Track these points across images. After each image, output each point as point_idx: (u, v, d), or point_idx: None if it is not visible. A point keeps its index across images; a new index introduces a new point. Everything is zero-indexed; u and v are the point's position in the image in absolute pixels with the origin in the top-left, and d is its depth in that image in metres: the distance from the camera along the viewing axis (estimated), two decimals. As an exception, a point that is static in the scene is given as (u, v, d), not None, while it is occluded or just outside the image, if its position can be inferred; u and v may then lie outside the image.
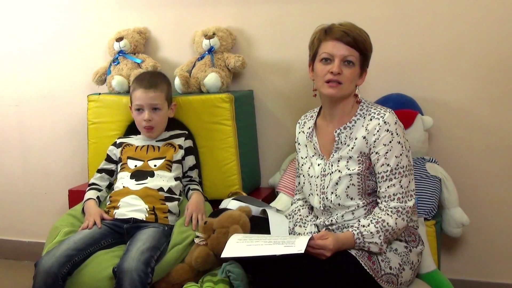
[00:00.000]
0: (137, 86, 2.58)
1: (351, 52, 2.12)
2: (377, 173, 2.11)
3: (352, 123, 2.16)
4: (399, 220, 2.06)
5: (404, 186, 2.08)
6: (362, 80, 2.20)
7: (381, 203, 2.10)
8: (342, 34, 2.12)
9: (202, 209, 2.51)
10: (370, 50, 2.18)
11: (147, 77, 2.62)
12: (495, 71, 2.62)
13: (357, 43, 2.12)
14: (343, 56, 2.12)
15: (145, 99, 2.54)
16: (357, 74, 2.16)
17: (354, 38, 2.12)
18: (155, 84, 2.57)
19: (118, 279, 2.12)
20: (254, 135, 2.98)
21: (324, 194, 2.18)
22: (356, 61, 2.13)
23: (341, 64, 2.12)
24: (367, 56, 2.17)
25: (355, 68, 2.14)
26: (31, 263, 2.37)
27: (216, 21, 2.94)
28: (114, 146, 2.67)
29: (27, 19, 3.32)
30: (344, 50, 2.12)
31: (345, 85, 2.13)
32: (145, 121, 2.55)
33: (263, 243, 2.03)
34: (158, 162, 2.56)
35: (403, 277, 2.11)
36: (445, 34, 2.66)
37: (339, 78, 2.12)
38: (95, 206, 2.50)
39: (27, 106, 3.40)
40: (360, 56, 2.14)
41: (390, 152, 2.08)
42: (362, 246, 2.04)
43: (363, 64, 2.17)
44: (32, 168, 3.44)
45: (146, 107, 2.55)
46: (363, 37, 2.15)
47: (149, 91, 2.54)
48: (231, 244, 2.06)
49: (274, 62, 2.92)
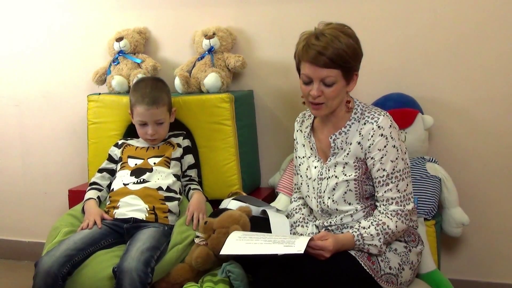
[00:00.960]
0: (138, 102, 2.53)
1: (329, 72, 2.02)
2: (374, 178, 2.10)
3: (347, 128, 2.13)
4: (399, 223, 2.06)
5: (402, 190, 2.07)
6: (353, 85, 2.11)
7: (380, 206, 2.09)
8: (316, 55, 2.01)
9: (204, 209, 2.51)
10: (354, 59, 2.06)
11: (147, 91, 2.54)
12: (496, 71, 2.62)
13: (334, 62, 2.01)
14: (321, 78, 2.04)
15: (149, 116, 2.53)
16: (342, 87, 2.07)
17: (329, 57, 2.00)
18: (157, 100, 2.53)
19: (118, 279, 2.12)
20: (254, 135, 2.98)
21: (321, 198, 2.18)
22: (337, 78, 2.04)
23: (320, 86, 2.04)
24: (349, 67, 2.05)
25: (337, 85, 2.05)
26: (31, 263, 2.37)
27: (216, 21, 2.94)
28: (115, 147, 2.69)
29: (27, 19, 3.32)
30: (321, 72, 2.03)
31: (328, 103, 2.08)
32: (149, 135, 2.56)
33: (263, 242, 2.02)
34: (157, 159, 2.58)
35: (403, 277, 2.11)
36: (445, 34, 2.66)
37: (320, 100, 2.07)
38: (95, 206, 2.50)
39: (27, 106, 3.40)
40: (341, 72, 2.04)
41: (385, 157, 2.06)
42: (362, 247, 2.04)
43: (348, 74, 2.07)
44: (32, 168, 3.44)
45: (150, 123, 2.55)
46: (342, 51, 2.01)
47: (151, 107, 2.52)
48: (231, 241, 2.05)
49: (274, 62, 2.92)
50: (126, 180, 2.53)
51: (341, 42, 2.02)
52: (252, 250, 1.99)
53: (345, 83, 2.08)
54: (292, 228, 2.29)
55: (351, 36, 2.06)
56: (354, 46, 2.05)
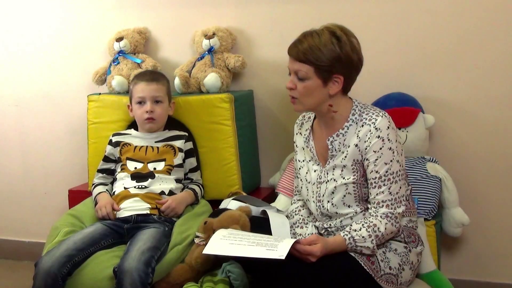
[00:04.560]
0: (138, 81, 2.63)
1: (300, 66, 2.03)
2: (368, 179, 2.09)
3: (345, 130, 2.11)
4: (388, 225, 2.05)
5: (394, 192, 2.06)
6: (335, 89, 2.06)
7: (371, 208, 2.09)
8: (292, 47, 2.04)
9: (180, 210, 2.51)
10: (331, 60, 2.00)
11: (148, 72, 2.70)
12: (497, 70, 2.62)
13: (305, 57, 2.00)
14: (294, 70, 2.05)
15: (148, 91, 2.58)
16: (316, 86, 2.04)
17: (302, 52, 2.00)
18: (156, 78, 2.63)
19: (118, 279, 2.12)
20: (254, 135, 2.98)
21: (321, 202, 2.18)
22: (310, 75, 2.02)
23: (294, 79, 2.06)
24: (323, 66, 2.01)
25: (310, 81, 2.03)
26: (31, 263, 2.37)
27: (216, 21, 2.94)
28: (111, 146, 2.67)
29: (27, 19, 3.32)
30: (295, 65, 2.05)
31: (300, 99, 2.07)
32: (147, 113, 2.57)
33: (246, 243, 2.00)
34: (158, 165, 2.57)
35: (403, 277, 2.11)
36: (446, 33, 2.66)
37: (293, 93, 2.08)
38: (108, 196, 2.54)
39: (27, 106, 3.40)
40: (314, 69, 2.01)
41: (380, 159, 2.05)
42: (354, 249, 2.04)
43: (324, 74, 2.02)
44: (32, 168, 3.44)
45: (149, 99, 2.58)
46: (315, 48, 1.99)
47: (151, 83, 2.60)
48: (214, 241, 2.04)
49: (274, 62, 2.92)
50: (127, 184, 2.54)
51: (320, 39, 2.02)
52: (234, 252, 1.98)
53: (321, 83, 2.04)
54: (292, 229, 2.28)
55: (339, 39, 2.02)
56: (334, 49, 2.00)
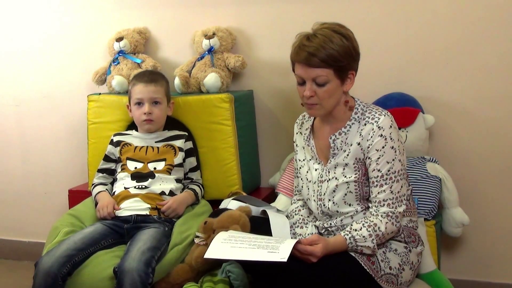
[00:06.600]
0: (137, 82, 2.62)
1: (321, 72, 2.02)
2: (369, 178, 2.09)
3: (347, 128, 2.12)
4: (389, 224, 2.05)
5: (395, 191, 2.06)
6: (349, 85, 2.10)
7: (372, 207, 2.09)
8: (307, 57, 2.01)
9: (181, 211, 2.51)
10: (347, 59, 2.03)
11: (146, 73, 2.68)
12: (496, 70, 2.62)
13: (326, 62, 2.00)
14: (313, 78, 2.03)
15: (146, 92, 2.58)
16: (336, 87, 2.05)
17: (321, 58, 2.00)
18: (155, 79, 2.62)
19: (118, 279, 2.12)
20: (254, 135, 2.98)
21: (322, 200, 2.18)
22: (330, 78, 2.03)
23: (313, 86, 2.04)
24: (342, 67, 2.03)
25: (330, 84, 2.04)
26: (31, 263, 2.37)
27: (216, 21, 2.94)
28: (111, 145, 2.67)
29: (27, 19, 3.32)
30: (313, 73, 2.03)
31: (322, 103, 2.07)
32: (145, 114, 2.57)
33: (247, 246, 1.99)
34: (158, 165, 2.57)
35: (403, 277, 2.11)
36: (446, 33, 2.66)
37: (313, 100, 2.07)
38: (109, 196, 2.54)
39: (27, 106, 3.40)
40: (333, 71, 2.03)
41: (382, 157, 2.05)
42: (355, 249, 2.04)
43: (341, 73, 2.05)
44: (32, 168, 3.44)
45: (147, 100, 2.57)
46: (335, 51, 2.00)
47: (149, 85, 2.59)
48: (215, 244, 2.03)
49: (274, 62, 2.92)
50: (128, 184, 2.54)
51: (333, 42, 2.02)
52: (235, 256, 1.98)
53: (339, 82, 2.07)
54: (292, 229, 2.28)
55: (344, 36, 2.05)
56: (346, 46, 2.04)
